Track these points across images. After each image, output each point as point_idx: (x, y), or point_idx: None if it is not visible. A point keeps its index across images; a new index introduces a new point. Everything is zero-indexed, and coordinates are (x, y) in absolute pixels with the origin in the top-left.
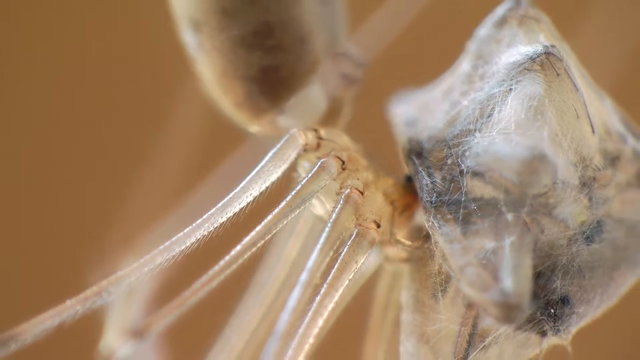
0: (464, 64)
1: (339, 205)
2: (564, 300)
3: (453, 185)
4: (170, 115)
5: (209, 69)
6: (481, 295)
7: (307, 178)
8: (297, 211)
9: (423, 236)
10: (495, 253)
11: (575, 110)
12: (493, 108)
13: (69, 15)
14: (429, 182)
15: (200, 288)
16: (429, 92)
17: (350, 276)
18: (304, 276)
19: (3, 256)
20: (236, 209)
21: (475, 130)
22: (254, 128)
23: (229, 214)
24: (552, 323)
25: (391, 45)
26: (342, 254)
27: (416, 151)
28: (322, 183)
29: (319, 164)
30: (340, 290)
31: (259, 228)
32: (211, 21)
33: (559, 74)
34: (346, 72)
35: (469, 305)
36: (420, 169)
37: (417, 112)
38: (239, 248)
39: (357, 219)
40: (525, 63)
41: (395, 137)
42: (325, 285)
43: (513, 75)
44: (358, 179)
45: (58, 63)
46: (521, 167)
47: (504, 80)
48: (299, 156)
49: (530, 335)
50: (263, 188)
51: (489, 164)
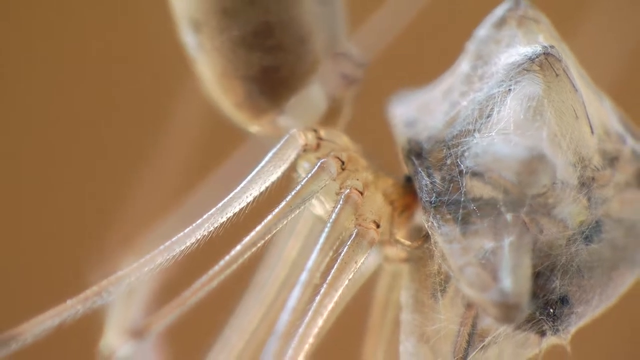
0: (463, 65)
1: (339, 206)
2: (563, 300)
3: (452, 185)
4: (171, 115)
5: (209, 69)
6: (480, 295)
7: (307, 178)
8: (297, 211)
9: (422, 236)
10: (494, 253)
11: (574, 110)
12: (492, 108)
13: (69, 15)
14: (428, 183)
15: (200, 288)
16: (429, 93)
17: (350, 276)
18: (303, 276)
19: (3, 256)
20: (236, 209)
21: (474, 130)
22: (254, 128)
23: (229, 214)
24: (551, 323)
25: (391, 45)
26: (342, 254)
27: (416, 151)
28: (322, 183)
29: (319, 164)
30: (340, 290)
31: (259, 228)
32: (211, 21)
33: (557, 75)
34: (346, 73)
35: (469, 305)
36: (419, 169)
37: (417, 113)
38: (239, 248)
39: (357, 219)
40: (524, 64)
41: (395, 138)
42: (325, 285)
43: (512, 76)
44: (358, 179)
45: (58, 63)
46: (520, 168)
47: (503, 81)
48: (298, 156)
49: (529, 335)
50: (263, 188)
51: (488, 164)
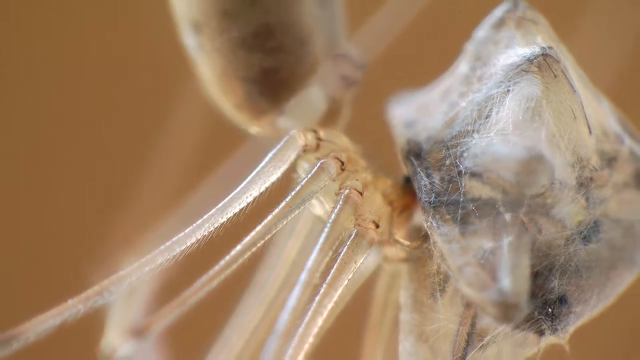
0: (462, 66)
1: (338, 206)
2: (562, 300)
3: (451, 185)
4: (171, 116)
5: (210, 70)
6: (479, 294)
7: (307, 179)
8: (297, 211)
9: (422, 236)
10: (493, 253)
11: (572, 111)
12: (491, 109)
13: (69, 16)
14: (427, 183)
15: (200, 288)
16: (428, 94)
17: (350, 276)
18: (303, 276)
19: (4, 256)
20: (236, 209)
21: (473, 131)
22: (254, 129)
23: (229, 214)
24: (550, 322)
25: (390, 47)
26: (342, 254)
27: (415, 152)
28: (322, 184)
29: (319, 164)
30: (340, 290)
31: (259, 228)
32: (211, 22)
33: (556, 76)
34: (345, 74)
35: (468, 305)
36: (418, 170)
37: (416, 114)
38: (239, 248)
39: (356, 219)
40: (522, 64)
41: (394, 138)
42: (324, 285)
43: (511, 77)
44: (357, 180)
45: (59, 63)
46: (519, 168)
47: (501, 82)
48: (298, 157)
49: (528, 334)
50: (263, 188)
51: (487, 164)
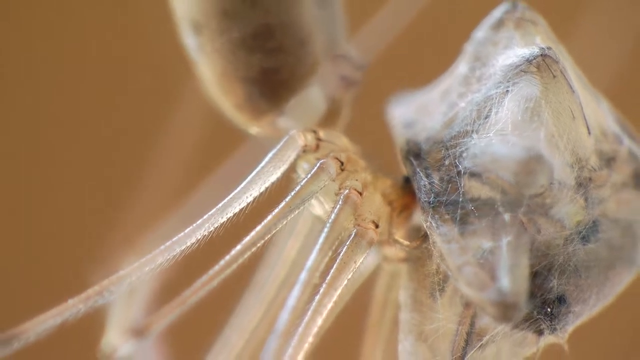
0: (462, 66)
1: (338, 206)
2: (561, 300)
3: (451, 185)
4: (171, 116)
5: (210, 71)
6: (479, 294)
7: (307, 179)
8: (297, 211)
9: (421, 236)
10: (492, 253)
11: (571, 111)
12: (490, 109)
13: (69, 16)
14: (426, 183)
15: (200, 287)
16: (427, 94)
17: (349, 276)
18: (303, 276)
19: (4, 256)
20: (236, 209)
21: (472, 131)
22: (254, 129)
23: (229, 214)
24: (549, 322)
25: (389, 47)
26: (341, 254)
27: (414, 152)
28: (321, 184)
29: (318, 164)
30: (339, 290)
31: (258, 228)
32: (212, 23)
33: (555, 76)
34: (345, 74)
35: (467, 305)
36: (418, 170)
37: (415, 114)
38: (239, 248)
39: (356, 219)
40: (521, 65)
41: (394, 139)
42: (324, 285)
43: (510, 77)
44: (357, 180)
45: (59, 64)
46: (518, 168)
47: (500, 82)
48: (298, 157)
49: (527, 334)
50: (263, 188)
51: (486, 164)
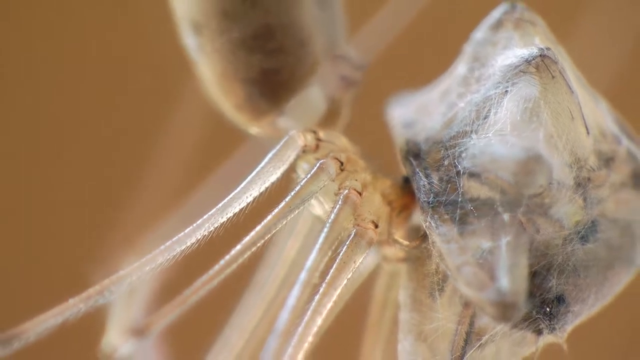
0: (461, 67)
1: (338, 206)
2: (560, 299)
3: (450, 186)
4: (171, 116)
5: (210, 71)
6: (478, 294)
7: (306, 179)
8: (297, 211)
9: (420, 236)
10: (491, 252)
11: (570, 111)
12: (489, 110)
13: (69, 16)
14: (426, 183)
15: (200, 287)
16: (426, 94)
17: (349, 275)
18: (303, 275)
19: (4, 256)
20: (236, 209)
21: (471, 131)
22: (254, 129)
23: (229, 214)
24: (548, 321)
25: (389, 47)
26: (341, 254)
27: (413, 152)
28: (321, 184)
29: (318, 165)
30: (339, 290)
31: (258, 228)
32: (212, 23)
33: (554, 77)
34: (345, 75)
35: (466, 304)
36: (417, 170)
37: (415, 114)
38: (239, 248)
39: (356, 219)
40: (520, 65)
41: (393, 139)
42: (324, 285)
43: (509, 78)
44: (356, 180)
45: (59, 64)
46: (517, 168)
47: (499, 83)
48: (298, 157)
49: (526, 333)
50: (263, 189)
51: (485, 165)
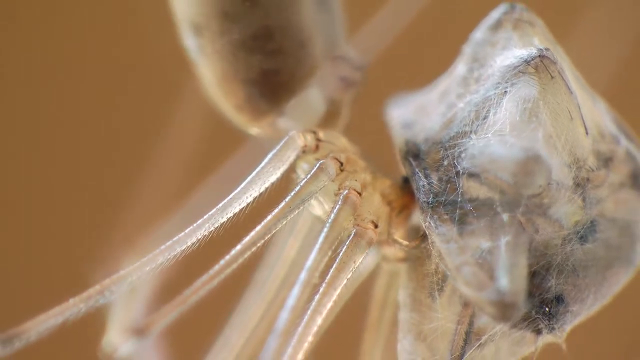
0: (460, 67)
1: (337, 206)
2: (559, 299)
3: (449, 186)
4: (172, 117)
5: (210, 72)
6: (477, 294)
7: (306, 179)
8: (296, 211)
9: (420, 236)
10: (491, 252)
11: (569, 112)
12: (488, 110)
13: (70, 17)
14: (425, 183)
15: (201, 287)
16: (426, 95)
17: (349, 275)
18: (303, 275)
19: (5, 256)
20: (236, 209)
21: (471, 132)
22: (254, 130)
23: (229, 214)
24: (547, 321)
25: (389, 48)
26: (341, 254)
27: (413, 153)
28: (321, 184)
29: (318, 165)
30: (339, 289)
31: (258, 228)
32: (212, 25)
33: (553, 77)
34: (344, 75)
35: (466, 304)
36: (417, 170)
37: (414, 115)
38: (239, 248)
39: (355, 219)
40: (520, 66)
41: (393, 139)
42: (324, 285)
43: (508, 78)
44: (356, 180)
45: (59, 64)
46: (516, 168)
47: (499, 83)
48: (298, 158)
49: (525, 333)
50: (263, 189)
51: (484, 165)
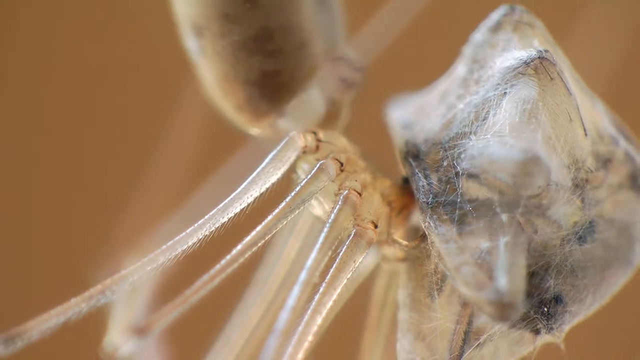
0: (460, 68)
1: (338, 206)
2: (557, 299)
3: (449, 186)
4: (172, 118)
5: (211, 73)
6: (476, 294)
7: (306, 179)
8: (297, 212)
9: (419, 236)
10: (490, 253)
11: (568, 113)
12: (488, 111)
13: (70, 18)
14: (425, 184)
15: (201, 287)
16: (426, 96)
17: (349, 275)
18: (303, 275)
19: (6, 256)
20: (237, 210)
21: (470, 133)
22: (255, 131)
23: (230, 215)
24: (546, 321)
25: (388, 49)
26: (341, 254)
27: (413, 153)
28: (321, 184)
29: (318, 165)
30: (339, 289)
31: (259, 228)
32: (213, 26)
33: (552, 78)
34: (344, 76)
35: (465, 304)
36: (416, 171)
37: (414, 115)
38: (239, 247)
39: (355, 219)
40: (519, 67)
41: (393, 140)
42: (324, 284)
43: (508, 79)
44: (356, 181)
45: (60, 64)
46: (515, 169)
47: (498, 84)
48: (298, 158)
49: (524, 333)
50: (263, 189)
51: (484, 166)
